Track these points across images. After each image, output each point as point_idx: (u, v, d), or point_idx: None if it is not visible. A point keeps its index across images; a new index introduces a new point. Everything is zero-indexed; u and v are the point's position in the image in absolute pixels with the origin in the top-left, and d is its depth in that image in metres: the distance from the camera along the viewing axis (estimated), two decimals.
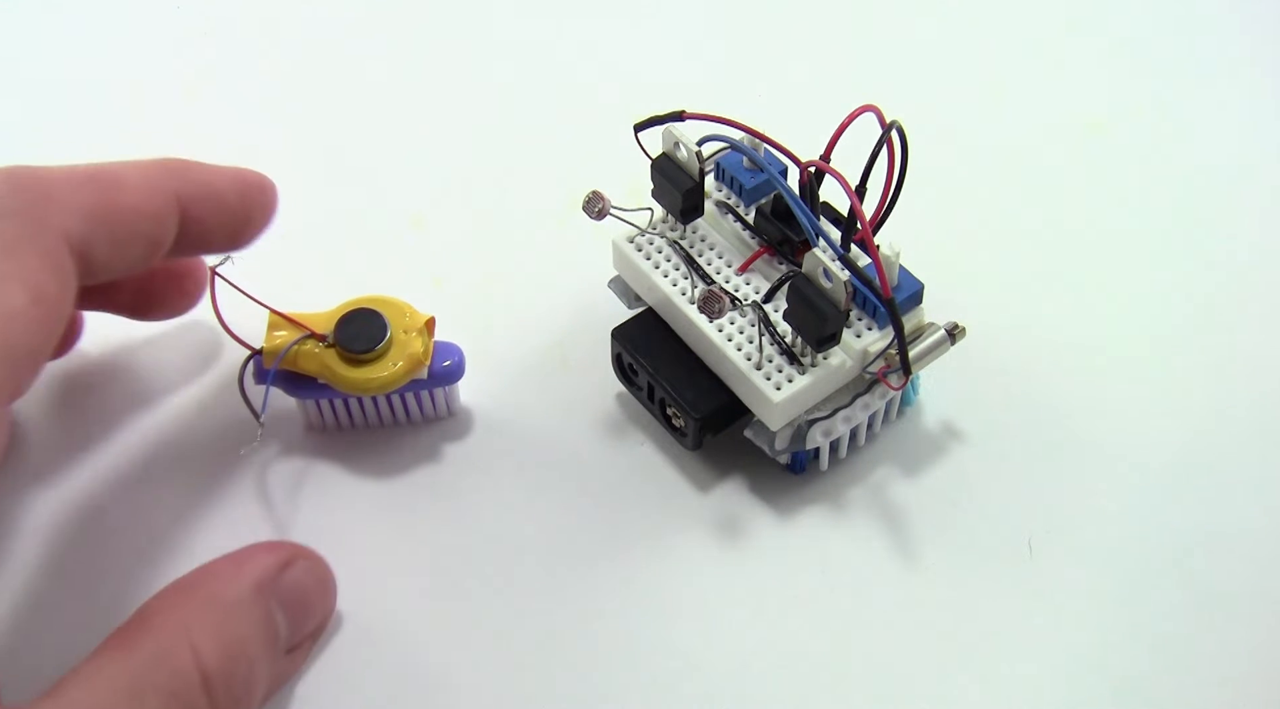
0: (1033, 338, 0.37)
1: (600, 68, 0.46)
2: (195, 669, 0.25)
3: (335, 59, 0.47)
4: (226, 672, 0.26)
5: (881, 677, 0.31)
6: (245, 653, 0.27)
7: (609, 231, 0.34)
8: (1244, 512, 0.33)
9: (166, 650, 0.25)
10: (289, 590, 0.29)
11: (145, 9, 0.48)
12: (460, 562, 0.33)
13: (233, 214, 0.31)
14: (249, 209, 0.31)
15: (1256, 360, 0.37)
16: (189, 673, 0.25)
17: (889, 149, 0.30)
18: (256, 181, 0.32)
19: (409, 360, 0.32)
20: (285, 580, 0.29)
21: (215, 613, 0.27)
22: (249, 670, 0.27)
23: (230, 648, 0.26)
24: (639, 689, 0.31)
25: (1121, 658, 0.31)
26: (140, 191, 0.28)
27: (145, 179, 0.29)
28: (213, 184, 0.30)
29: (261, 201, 0.32)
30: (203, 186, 0.30)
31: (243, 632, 0.27)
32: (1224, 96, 0.45)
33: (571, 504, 0.34)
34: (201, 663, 0.25)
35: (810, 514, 0.34)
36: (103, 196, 0.28)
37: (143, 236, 0.28)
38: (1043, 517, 0.33)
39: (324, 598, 0.31)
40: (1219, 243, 0.40)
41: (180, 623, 0.26)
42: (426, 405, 0.35)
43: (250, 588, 0.28)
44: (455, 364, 0.34)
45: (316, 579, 0.30)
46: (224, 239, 0.31)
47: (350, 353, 0.32)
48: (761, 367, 0.31)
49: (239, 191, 0.31)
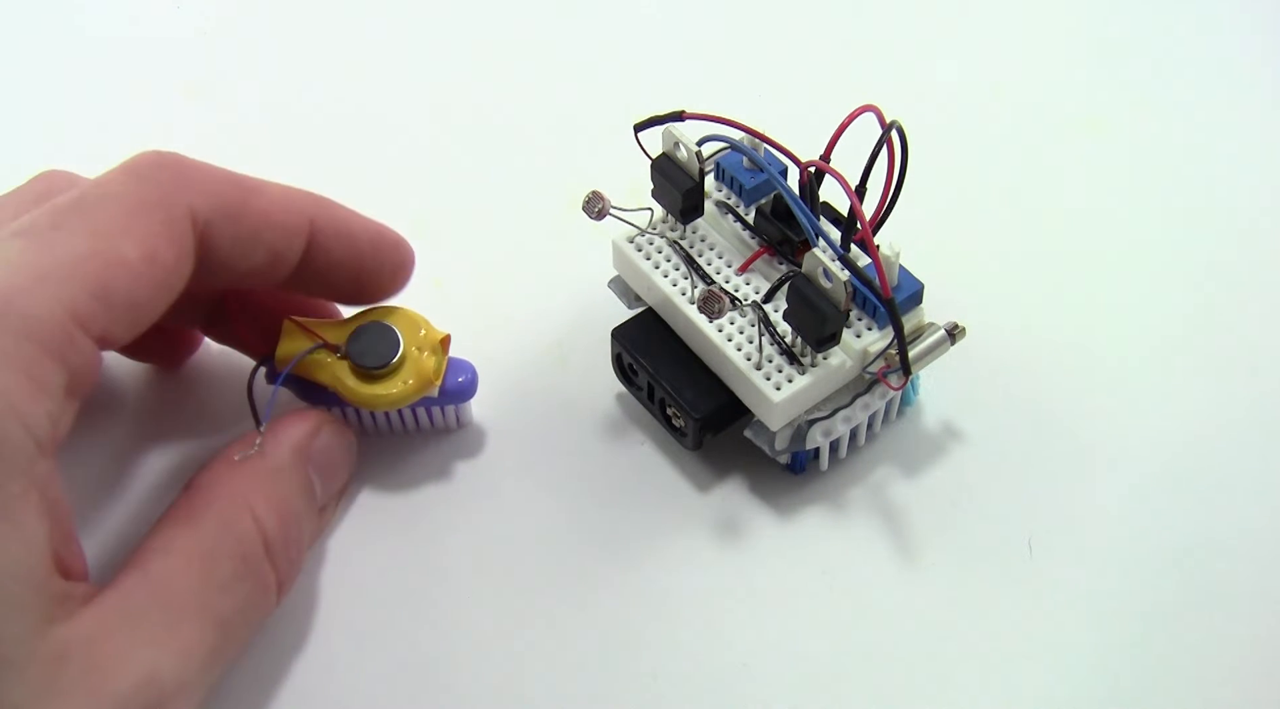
0: (1033, 338, 0.37)
1: (600, 67, 0.46)
2: (258, 534, 0.28)
3: (335, 59, 0.47)
4: (283, 534, 0.28)
5: (881, 677, 0.31)
6: (296, 516, 0.29)
7: (609, 231, 0.34)
8: (1244, 511, 0.33)
9: (230, 519, 0.27)
10: (321, 454, 0.31)
11: (145, 9, 0.48)
12: (459, 561, 0.33)
13: (361, 260, 0.31)
14: (380, 263, 0.32)
15: (1257, 360, 0.37)
16: (253, 538, 0.27)
17: (889, 149, 0.30)
18: (393, 239, 0.32)
19: (419, 379, 0.32)
20: (317, 445, 0.31)
21: (267, 481, 0.29)
22: (299, 531, 0.29)
23: (284, 513, 0.29)
24: (639, 689, 0.31)
25: (1121, 658, 0.31)
26: (275, 202, 0.29)
27: (283, 194, 0.30)
28: (350, 224, 0.31)
29: (395, 260, 0.32)
30: (339, 222, 0.31)
31: (291, 496, 0.29)
32: (1224, 96, 0.45)
33: (571, 504, 0.34)
34: (263, 528, 0.28)
35: (810, 514, 0.34)
36: (237, 192, 0.29)
37: (267, 245, 0.29)
38: (1043, 517, 0.33)
39: (348, 459, 0.33)
40: (1220, 242, 0.40)
41: (238, 492, 0.28)
42: (437, 419, 0.35)
43: (290, 454, 0.30)
44: (467, 381, 0.34)
45: (342, 442, 0.32)
46: (349, 284, 0.32)
47: (361, 368, 0.32)
48: (761, 367, 0.31)
49: (374, 242, 0.32)
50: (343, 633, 0.32)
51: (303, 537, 0.30)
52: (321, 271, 0.31)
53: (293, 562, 0.29)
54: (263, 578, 0.28)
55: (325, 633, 0.32)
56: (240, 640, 0.28)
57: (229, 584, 0.27)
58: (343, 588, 0.32)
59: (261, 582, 0.28)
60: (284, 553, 0.28)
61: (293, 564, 0.29)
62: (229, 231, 0.28)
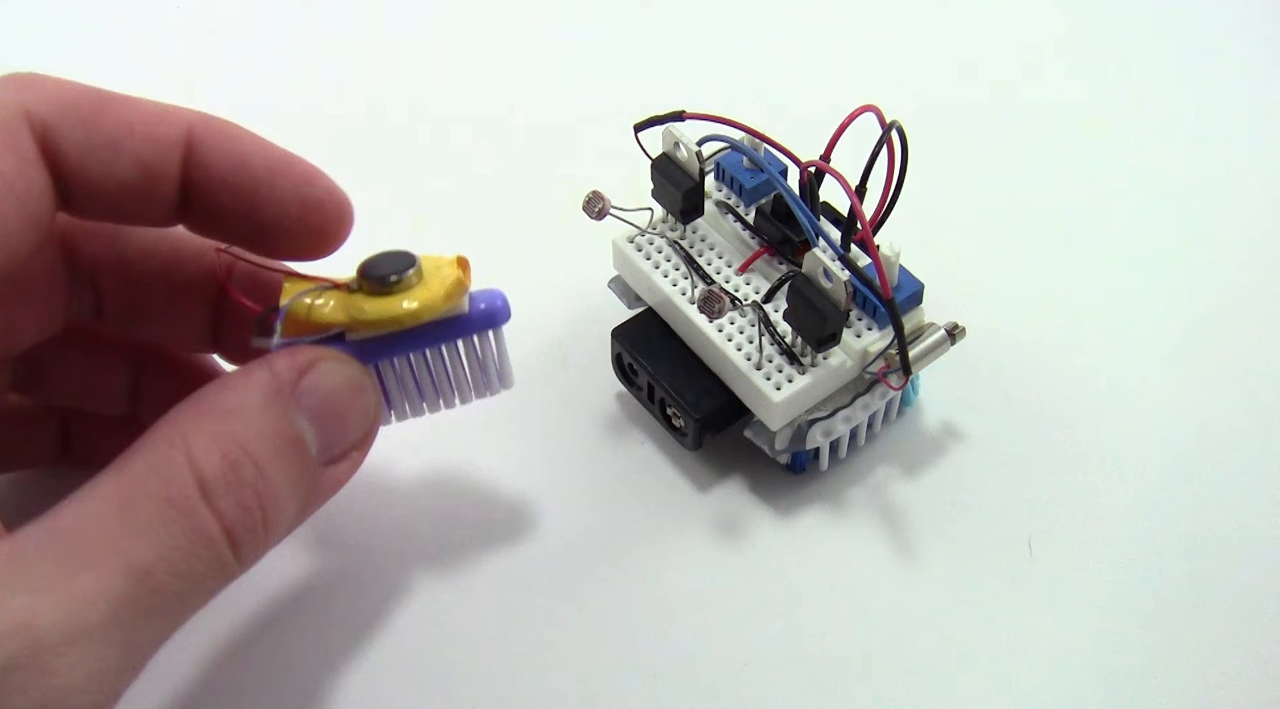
0: (1033, 338, 0.37)
1: (600, 68, 0.46)
2: (190, 475, 0.24)
3: (335, 59, 0.47)
4: (230, 477, 0.24)
5: (881, 676, 0.31)
6: (252, 458, 0.25)
7: (609, 231, 0.34)
8: (1244, 511, 0.33)
9: (160, 460, 0.24)
10: (314, 394, 0.26)
11: (145, 9, 0.48)
12: (458, 560, 0.33)
13: (256, 185, 0.27)
14: (282, 195, 0.27)
15: (1257, 360, 0.37)
16: (184, 480, 0.24)
17: (889, 149, 0.30)
18: (305, 172, 0.28)
19: (444, 285, 0.27)
20: (307, 384, 0.26)
21: (216, 418, 0.25)
22: (258, 476, 0.25)
23: (230, 453, 0.25)
24: (639, 688, 0.31)
25: (1121, 658, 0.31)
26: (141, 110, 0.26)
27: (155, 104, 0.27)
28: (240, 142, 0.27)
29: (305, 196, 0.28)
30: (225, 138, 0.27)
31: (246, 435, 0.25)
32: (1225, 96, 0.45)
33: (571, 504, 0.34)
34: (198, 469, 0.24)
35: (810, 514, 0.34)
36: (90, 98, 0.26)
37: (131, 154, 0.26)
38: (1043, 517, 0.33)
39: (360, 401, 0.28)
40: (1220, 243, 0.40)
41: (176, 432, 0.25)
42: (474, 367, 0.30)
43: (259, 393, 0.26)
44: (498, 304, 0.29)
45: (348, 380, 0.27)
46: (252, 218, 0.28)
47: (378, 284, 0.27)
48: (761, 367, 0.31)
49: (272, 168, 0.27)
50: (339, 631, 0.32)
51: (268, 486, 0.25)
52: (214, 196, 0.27)
53: (247, 509, 0.25)
54: (197, 523, 0.24)
55: (320, 628, 0.32)
56: (170, 591, 0.24)
57: (148, 529, 0.23)
58: (340, 584, 0.32)
59: (195, 527, 0.24)
60: (231, 498, 0.24)
61: (247, 511, 0.25)
62: (79, 137, 0.25)
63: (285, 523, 0.26)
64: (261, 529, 0.25)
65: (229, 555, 0.25)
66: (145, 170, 0.26)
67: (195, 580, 0.24)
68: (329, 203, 0.28)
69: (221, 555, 0.24)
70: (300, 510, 0.27)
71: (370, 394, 0.28)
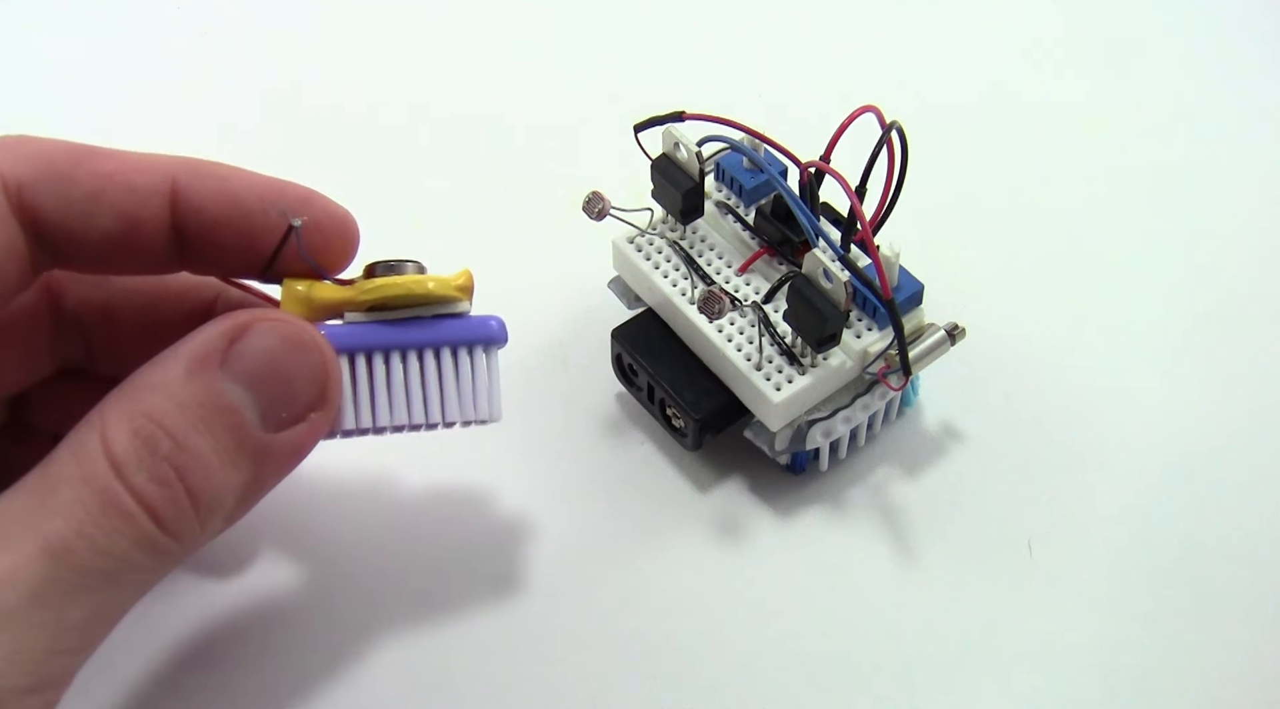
0: (1033, 339, 0.37)
1: (600, 68, 0.46)
2: (102, 453, 0.24)
3: (335, 59, 0.47)
4: (138, 451, 0.24)
5: (881, 677, 0.31)
6: (167, 431, 0.24)
7: (609, 232, 0.34)
8: (1242, 511, 0.33)
9: (78, 442, 0.24)
10: (247, 357, 0.26)
11: (145, 9, 0.48)
12: (457, 560, 0.33)
13: (250, 218, 0.27)
14: (282, 226, 0.27)
15: (1256, 360, 0.37)
16: (96, 457, 0.24)
17: (889, 149, 0.30)
18: (299, 195, 0.28)
19: (457, 273, 0.28)
20: (239, 349, 0.26)
21: (132, 394, 0.25)
22: (176, 450, 0.24)
23: (143, 429, 0.24)
24: (639, 688, 0.31)
25: (1120, 658, 0.31)
26: (121, 162, 0.26)
27: (135, 155, 0.27)
28: (228, 180, 0.27)
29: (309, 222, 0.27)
30: (212, 178, 0.27)
31: (163, 409, 0.24)
32: (1224, 95, 0.45)
33: (571, 504, 0.34)
34: (108, 445, 0.24)
35: (810, 514, 0.34)
36: (67, 154, 0.26)
37: (113, 207, 0.26)
38: (1043, 517, 0.33)
39: (303, 359, 0.27)
40: (1220, 243, 0.40)
41: (97, 414, 0.25)
42: (465, 386, 0.29)
43: (182, 365, 0.25)
44: (498, 323, 0.29)
45: (287, 341, 0.26)
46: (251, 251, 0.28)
47: (385, 271, 0.28)
48: (761, 367, 0.31)
49: (264, 198, 0.27)
50: (338, 630, 0.32)
51: (197, 457, 0.25)
52: (212, 237, 0.27)
53: (164, 482, 0.24)
54: (111, 498, 0.24)
55: (317, 629, 0.32)
56: (94, 569, 0.23)
57: (64, 507, 0.23)
58: (338, 585, 0.32)
59: (110, 502, 0.24)
60: (145, 473, 0.24)
61: (165, 485, 0.24)
62: (57, 192, 0.26)
63: (223, 494, 0.25)
64: (187, 502, 0.25)
65: (155, 531, 0.24)
66: (128, 221, 0.26)
67: (121, 556, 0.24)
68: (329, 221, 0.28)
69: (147, 531, 0.24)
70: (250, 481, 0.26)
71: (316, 350, 0.27)
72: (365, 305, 0.28)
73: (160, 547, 0.24)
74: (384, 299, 0.28)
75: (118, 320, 0.30)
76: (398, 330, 0.28)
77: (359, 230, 0.29)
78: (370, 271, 0.28)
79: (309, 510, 0.34)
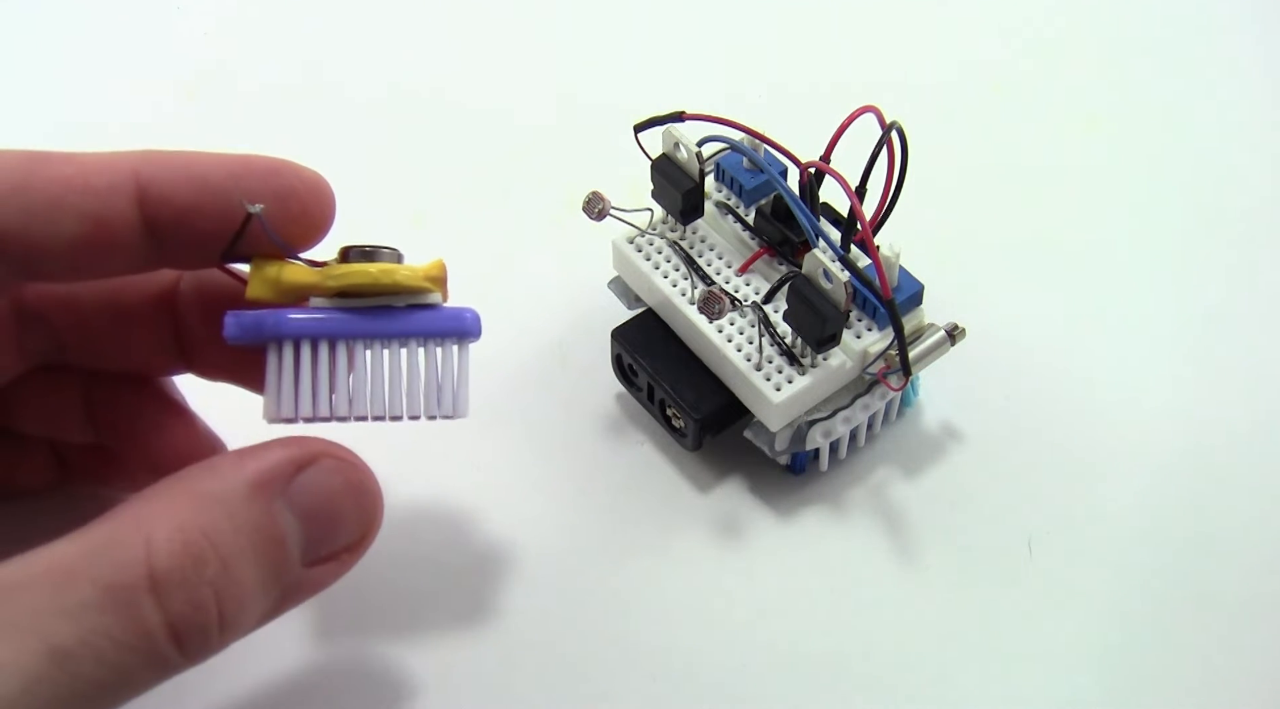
0: (1032, 339, 0.37)
1: (600, 68, 0.46)
2: (143, 562, 0.22)
3: (335, 60, 0.47)
4: (184, 571, 0.23)
5: (881, 677, 0.31)
6: (218, 553, 0.23)
7: (609, 232, 0.34)
8: (1243, 512, 0.33)
9: (117, 540, 0.23)
10: (308, 492, 0.25)
11: (145, 9, 0.48)
12: (457, 560, 0.33)
13: (222, 197, 0.26)
14: (255, 198, 0.26)
15: (1256, 360, 0.37)
16: (134, 566, 0.22)
17: (889, 149, 0.30)
18: (266, 167, 0.27)
19: (428, 265, 0.27)
20: (303, 481, 0.25)
21: (191, 505, 0.23)
22: (221, 574, 0.23)
23: (194, 545, 0.23)
24: (638, 689, 0.31)
25: (1121, 658, 0.31)
26: (80, 165, 0.25)
27: (95, 156, 0.26)
28: (193, 165, 0.26)
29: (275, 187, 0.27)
30: (175, 166, 0.26)
31: (219, 528, 0.23)
32: (1224, 95, 0.45)
33: (571, 504, 0.34)
34: (152, 557, 0.22)
35: (810, 514, 0.34)
36: (21, 163, 0.25)
37: (77, 211, 0.25)
38: (1043, 517, 0.33)
39: (358, 504, 0.26)
40: (1220, 243, 0.40)
41: (147, 510, 0.23)
42: (431, 381, 0.28)
43: (246, 483, 0.24)
44: (472, 316, 0.28)
45: (347, 482, 0.26)
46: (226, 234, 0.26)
47: (359, 256, 0.27)
48: (761, 367, 0.31)
49: (234, 174, 0.26)
50: (337, 631, 0.32)
51: (231, 584, 0.23)
52: (182, 224, 0.26)
53: (200, 608, 0.23)
54: (135, 615, 0.22)
55: (317, 630, 0.32)
56: (93, 679, 0.22)
57: (80, 611, 0.22)
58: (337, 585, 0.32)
59: (132, 619, 0.22)
60: (183, 594, 0.23)
61: (200, 610, 0.23)
62: (15, 202, 0.25)
63: (248, 624, 0.24)
64: (215, 628, 0.23)
65: (171, 651, 0.23)
66: (95, 222, 0.25)
67: (124, 672, 0.22)
68: (302, 188, 0.27)
69: (160, 651, 0.23)
70: (271, 611, 0.25)
71: (370, 498, 0.27)
72: (331, 291, 0.27)
73: (170, 665, 0.23)
74: (350, 286, 0.27)
75: (82, 311, 0.30)
76: (363, 319, 0.27)
77: (334, 195, 0.28)
78: (344, 255, 0.27)
79: None
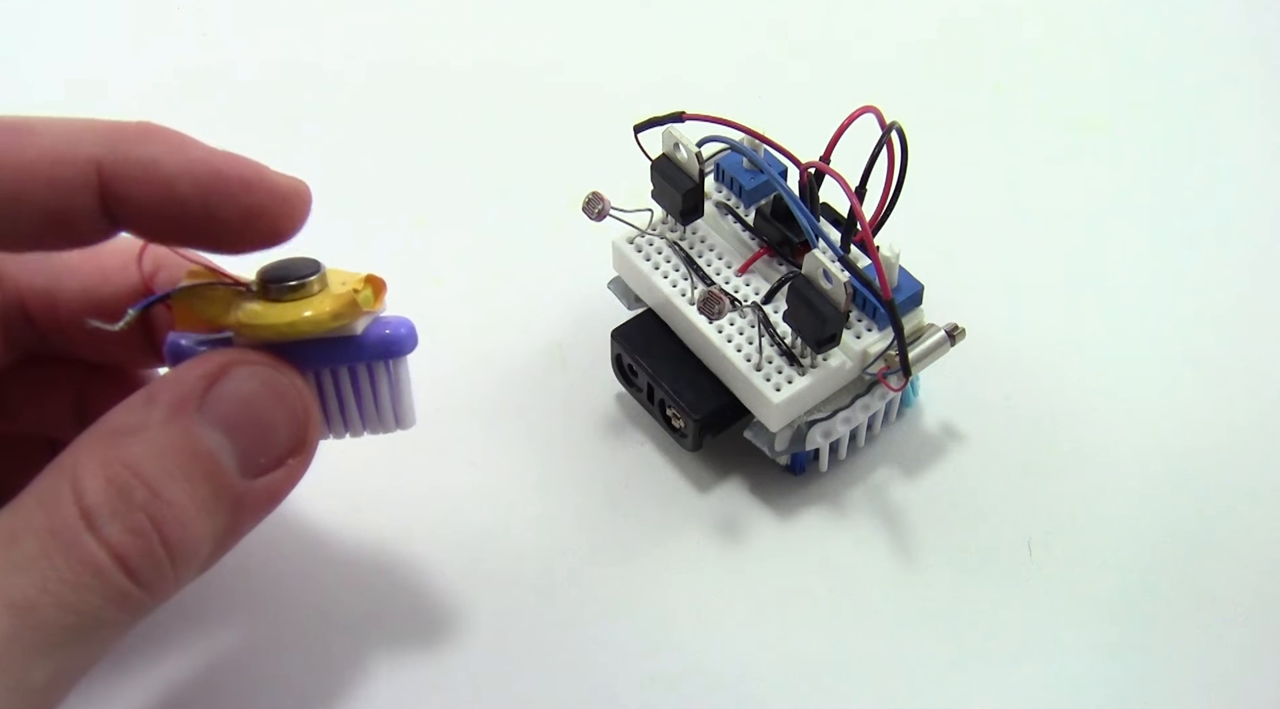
0: (1032, 339, 0.37)
1: (601, 68, 0.46)
2: (73, 503, 0.23)
3: (335, 60, 0.47)
4: (112, 502, 0.23)
5: (881, 677, 0.31)
6: (143, 480, 0.23)
7: (609, 232, 0.34)
8: (1243, 512, 0.33)
9: (46, 490, 0.23)
10: (225, 402, 0.25)
11: (145, 9, 0.48)
12: (457, 561, 0.33)
13: (185, 209, 0.25)
14: (215, 208, 0.25)
15: (1256, 361, 0.37)
16: (66, 507, 0.23)
17: (889, 150, 0.30)
18: (238, 183, 0.25)
19: (338, 299, 0.25)
20: (217, 392, 0.25)
21: (106, 440, 0.24)
22: (152, 499, 0.23)
23: (118, 478, 0.23)
24: (638, 689, 0.31)
25: (1120, 658, 0.31)
26: (37, 147, 0.24)
27: (54, 143, 0.24)
28: (159, 166, 0.25)
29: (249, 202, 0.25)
30: (144, 170, 0.25)
31: (139, 456, 0.23)
32: (1224, 96, 0.45)
33: (571, 504, 0.34)
34: (80, 497, 0.23)
35: (810, 514, 0.34)
36: None
37: (36, 206, 0.24)
38: (1043, 517, 0.33)
39: (283, 404, 0.26)
40: (1220, 243, 0.40)
41: (69, 459, 0.23)
42: (367, 400, 0.27)
43: (160, 409, 0.24)
44: (400, 333, 0.26)
45: (267, 386, 0.25)
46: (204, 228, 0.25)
47: (275, 289, 0.26)
48: (761, 368, 0.31)
49: (197, 181, 0.25)
50: (335, 632, 0.32)
51: (173, 507, 0.24)
52: (143, 219, 0.25)
53: (139, 534, 0.23)
54: (82, 552, 0.22)
55: (316, 631, 0.32)
56: (61, 626, 0.22)
57: (30, 562, 0.22)
58: (336, 585, 0.32)
59: (81, 557, 0.22)
60: (119, 524, 0.23)
61: (140, 536, 0.23)
62: None
63: (199, 544, 0.24)
64: (163, 553, 0.23)
65: (128, 584, 0.23)
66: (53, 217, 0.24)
67: (90, 613, 0.23)
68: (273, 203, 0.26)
69: (118, 585, 0.23)
70: (226, 529, 0.25)
71: (296, 396, 0.26)
72: (246, 342, 0.26)
73: (132, 600, 0.23)
74: (261, 340, 0.26)
75: (61, 303, 0.29)
76: (289, 352, 0.26)
77: (309, 202, 0.27)
78: (263, 280, 0.26)
79: (303, 512, 0.34)
